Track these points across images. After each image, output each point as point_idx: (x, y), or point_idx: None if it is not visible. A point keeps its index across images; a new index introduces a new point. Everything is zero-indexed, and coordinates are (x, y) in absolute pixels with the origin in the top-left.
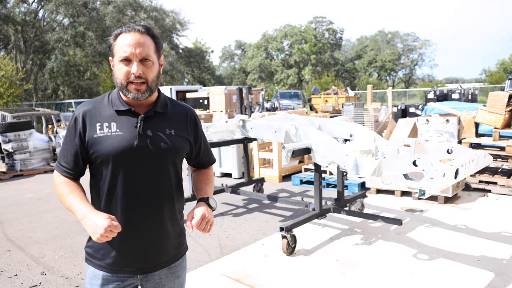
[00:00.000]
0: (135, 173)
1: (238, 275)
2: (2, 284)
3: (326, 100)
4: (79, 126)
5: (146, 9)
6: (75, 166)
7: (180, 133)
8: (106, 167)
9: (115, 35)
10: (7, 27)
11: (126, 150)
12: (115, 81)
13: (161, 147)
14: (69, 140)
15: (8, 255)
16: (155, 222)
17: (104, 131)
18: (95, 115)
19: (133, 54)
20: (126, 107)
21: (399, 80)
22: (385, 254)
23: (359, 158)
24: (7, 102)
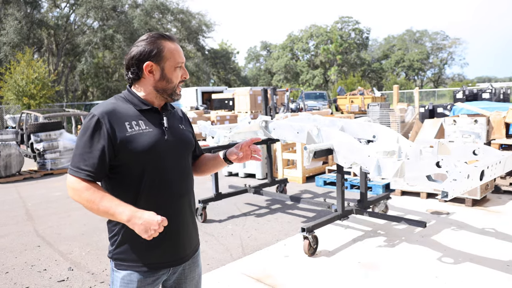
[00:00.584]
0: (166, 167)
1: (259, 274)
2: (32, 278)
3: (352, 100)
4: (105, 127)
5: (173, 11)
6: (101, 169)
7: (187, 128)
8: (139, 164)
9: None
10: (40, 31)
11: (158, 145)
12: (165, 86)
13: (183, 140)
14: (91, 142)
15: (38, 250)
16: (187, 212)
17: (135, 129)
18: (118, 116)
19: (184, 61)
20: (149, 106)
21: (428, 79)
22: (409, 256)
23: (381, 159)
24: (40, 103)
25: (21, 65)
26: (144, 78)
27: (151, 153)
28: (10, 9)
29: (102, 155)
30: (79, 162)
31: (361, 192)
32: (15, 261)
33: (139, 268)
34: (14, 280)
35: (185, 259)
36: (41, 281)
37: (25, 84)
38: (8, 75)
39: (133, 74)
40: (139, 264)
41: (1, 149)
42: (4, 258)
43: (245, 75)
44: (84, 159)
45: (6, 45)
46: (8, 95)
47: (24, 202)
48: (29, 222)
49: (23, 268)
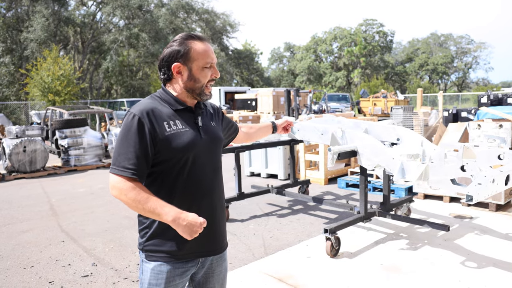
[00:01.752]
0: (201, 164)
1: (281, 274)
2: (57, 273)
3: (375, 103)
4: (147, 126)
5: (198, 11)
6: (145, 168)
7: (218, 125)
8: (176, 162)
9: (183, 41)
10: (67, 28)
11: (196, 143)
12: (193, 86)
13: (215, 137)
14: (133, 141)
15: (62, 246)
16: (217, 207)
17: (173, 128)
18: (156, 115)
19: (214, 60)
20: (184, 106)
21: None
22: (431, 260)
23: (405, 162)
24: (64, 99)
25: (48, 62)
26: (174, 78)
27: (188, 151)
28: (38, 6)
29: (146, 154)
30: (123, 161)
31: (384, 195)
32: (40, 256)
33: (169, 259)
34: (39, 274)
35: (215, 252)
36: (65, 276)
37: (51, 80)
38: (34, 72)
39: (164, 75)
40: (168, 255)
41: (27, 145)
42: (29, 252)
43: (268, 76)
44: (128, 158)
45: (33, 42)
46: (34, 91)
47: (49, 197)
48: (54, 218)
49: (48, 262)
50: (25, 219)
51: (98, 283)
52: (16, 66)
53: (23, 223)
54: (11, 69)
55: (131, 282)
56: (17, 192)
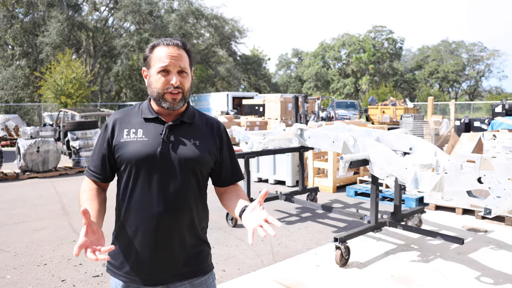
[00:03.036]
0: (155, 180)
1: (289, 282)
2: (68, 272)
3: (384, 111)
4: (108, 132)
5: (207, 17)
6: (102, 170)
7: (205, 144)
8: (128, 171)
9: (151, 46)
10: (80, 33)
11: (149, 156)
12: (151, 91)
13: (183, 155)
14: (98, 146)
15: (74, 245)
16: (171, 231)
17: (131, 137)
18: (124, 122)
19: (173, 65)
20: (154, 115)
21: (463, 92)
22: (444, 273)
23: (419, 172)
24: (76, 102)
25: (61, 65)
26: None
27: (138, 162)
28: (54, 11)
29: (103, 157)
30: (89, 163)
31: (395, 205)
32: (53, 254)
33: (118, 276)
34: (52, 272)
35: (171, 279)
36: (77, 275)
37: (64, 83)
38: (48, 75)
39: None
40: (120, 272)
41: (40, 145)
42: (43, 250)
43: (275, 82)
44: (92, 160)
45: (48, 46)
46: (47, 93)
47: (60, 197)
48: (65, 217)
49: (60, 261)
50: (38, 218)
51: (108, 284)
52: (31, 69)
53: (36, 221)
54: (26, 72)
55: None
56: (30, 191)
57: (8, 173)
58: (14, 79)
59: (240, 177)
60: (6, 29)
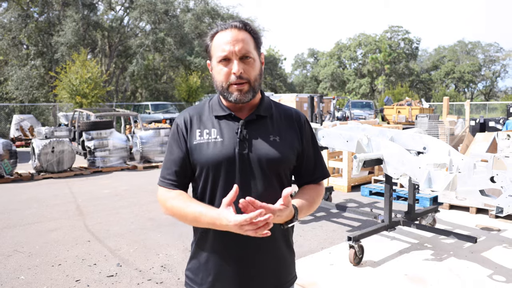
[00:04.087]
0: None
1: (304, 281)
2: (83, 272)
3: (399, 111)
4: (181, 133)
5: (223, 17)
6: (182, 176)
7: (286, 140)
8: (204, 177)
9: (211, 35)
10: (95, 32)
11: (226, 159)
12: (215, 85)
13: (263, 155)
14: (172, 150)
15: (88, 245)
16: (258, 242)
17: (204, 138)
18: (195, 121)
19: (232, 52)
20: (226, 112)
21: (479, 92)
22: (457, 272)
23: (432, 172)
24: (91, 102)
25: (76, 65)
26: None
27: (216, 166)
28: (69, 11)
29: (181, 162)
30: (164, 171)
31: (409, 204)
32: (67, 254)
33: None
34: (67, 273)
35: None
36: (91, 275)
37: (79, 83)
38: (63, 74)
39: None
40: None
41: (55, 145)
42: (57, 251)
43: (291, 82)
44: (167, 167)
45: (63, 46)
46: (62, 93)
47: (75, 197)
48: (80, 217)
49: (75, 261)
50: (53, 218)
51: (123, 284)
52: (46, 69)
53: (51, 222)
54: (41, 71)
55: (154, 283)
56: (45, 192)
57: (23, 173)
58: (29, 79)
59: (323, 174)
60: (21, 29)
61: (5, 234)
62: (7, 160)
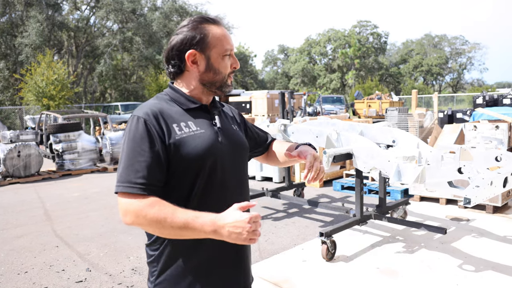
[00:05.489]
0: (223, 173)
1: (276, 279)
2: (50, 278)
3: (370, 105)
4: (154, 129)
5: (191, 14)
6: (158, 180)
7: (239, 129)
8: (193, 170)
9: (201, 25)
10: (61, 33)
11: (214, 148)
12: (212, 77)
13: (238, 143)
14: (140, 149)
15: (57, 251)
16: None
17: (185, 131)
18: (166, 115)
19: (233, 47)
20: (197, 104)
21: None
22: (429, 263)
23: (401, 165)
24: (59, 104)
25: (42, 66)
26: (188, 71)
27: (206, 158)
28: (32, 11)
29: (158, 163)
30: (130, 175)
31: (380, 197)
32: (34, 261)
33: None
34: (33, 280)
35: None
36: (59, 281)
37: (45, 85)
38: (28, 76)
39: (174, 67)
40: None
41: (21, 149)
42: (23, 258)
43: (262, 79)
44: (136, 170)
45: (27, 47)
46: (28, 96)
47: (43, 202)
48: (48, 222)
49: (42, 268)
50: (20, 224)
51: None
52: (11, 71)
53: (18, 228)
54: (5, 74)
55: (125, 287)
56: (11, 197)
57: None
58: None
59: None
60: None
61: None
62: None
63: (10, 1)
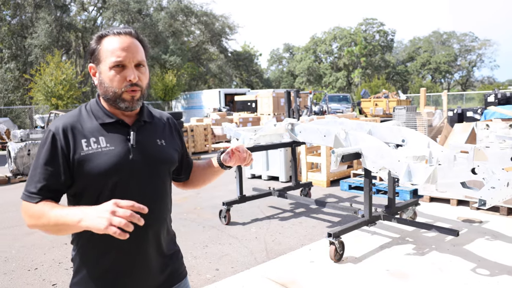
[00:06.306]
0: (130, 191)
1: (284, 280)
2: (59, 275)
3: (376, 103)
4: (60, 143)
5: (196, 14)
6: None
7: (170, 143)
8: (96, 187)
9: (98, 37)
10: (69, 34)
11: (121, 166)
12: (104, 91)
13: (156, 159)
14: (43, 161)
15: (65, 248)
16: (150, 245)
17: (93, 147)
18: (77, 130)
19: (129, 58)
20: (114, 119)
21: (455, 82)
22: (440, 266)
23: (412, 165)
24: (67, 103)
25: (50, 66)
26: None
27: (110, 176)
28: (42, 13)
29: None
30: (30, 185)
31: (389, 198)
32: (44, 258)
33: None
34: (43, 277)
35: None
36: (68, 279)
37: (54, 85)
38: (38, 77)
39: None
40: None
41: (31, 148)
42: (33, 254)
43: (267, 77)
44: (35, 181)
45: (37, 48)
46: (37, 95)
47: None
48: None
49: (51, 265)
50: None
51: None
52: (21, 71)
53: None
54: (16, 74)
55: None
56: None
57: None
58: (3, 82)
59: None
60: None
61: None
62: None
63: (20, 4)
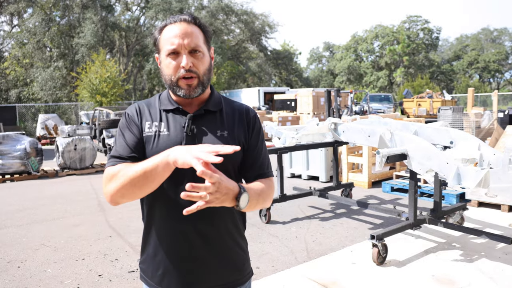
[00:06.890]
0: (181, 179)
1: (325, 280)
2: (105, 266)
3: (419, 104)
4: (133, 121)
5: (237, 13)
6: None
7: (233, 135)
8: None
9: (159, 28)
10: (113, 33)
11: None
12: (164, 79)
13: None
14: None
15: (110, 241)
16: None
17: (152, 130)
18: (145, 113)
19: (181, 45)
20: (174, 106)
21: (506, 82)
22: (490, 274)
23: (462, 167)
24: (111, 100)
25: (96, 65)
26: None
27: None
28: (88, 13)
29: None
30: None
31: (435, 201)
32: (90, 249)
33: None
34: (90, 267)
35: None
36: (113, 270)
37: (98, 82)
38: (84, 75)
39: None
40: (151, 282)
41: (77, 143)
42: (80, 245)
43: (307, 76)
44: (115, 149)
45: (83, 47)
46: (83, 93)
47: (97, 193)
48: (101, 213)
49: (97, 256)
50: (77, 214)
51: None
52: (68, 69)
53: (75, 217)
54: (63, 72)
55: None
56: (69, 188)
57: (48, 170)
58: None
59: (266, 173)
60: (44, 32)
61: (33, 229)
62: (34, 158)
63: (69, 5)
